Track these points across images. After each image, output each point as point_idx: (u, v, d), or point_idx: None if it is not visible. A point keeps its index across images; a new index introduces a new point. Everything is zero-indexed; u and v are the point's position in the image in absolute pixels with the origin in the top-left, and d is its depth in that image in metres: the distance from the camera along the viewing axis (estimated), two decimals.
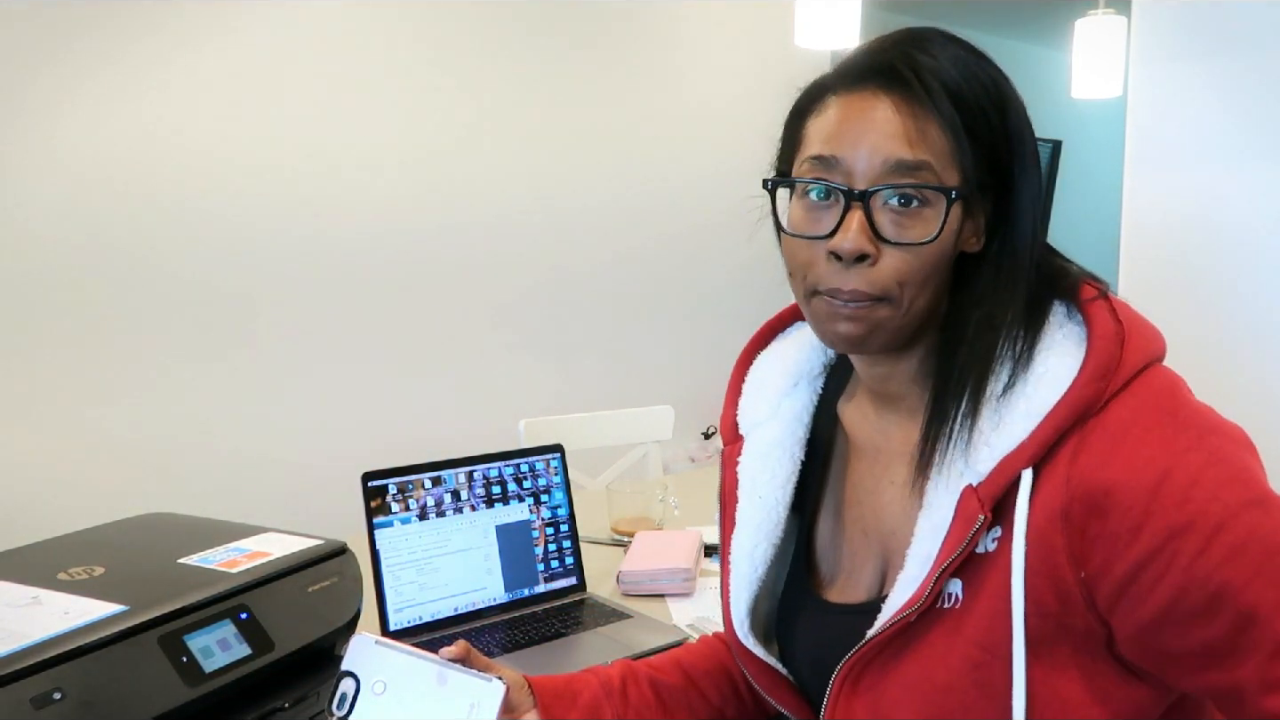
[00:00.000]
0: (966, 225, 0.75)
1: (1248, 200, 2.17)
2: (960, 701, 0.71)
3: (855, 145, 0.72)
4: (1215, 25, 2.18)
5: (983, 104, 0.72)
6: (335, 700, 0.76)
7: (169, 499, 1.57)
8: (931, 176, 0.71)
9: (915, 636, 0.74)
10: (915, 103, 0.72)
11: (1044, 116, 5.90)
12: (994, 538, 0.71)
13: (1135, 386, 0.70)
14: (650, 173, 3.55)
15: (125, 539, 1.15)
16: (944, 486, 0.73)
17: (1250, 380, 2.16)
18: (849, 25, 2.06)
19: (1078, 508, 0.68)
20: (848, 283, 0.73)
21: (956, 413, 0.73)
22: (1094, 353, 0.70)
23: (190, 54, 2.62)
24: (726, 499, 0.91)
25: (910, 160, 0.71)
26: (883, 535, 0.82)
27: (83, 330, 2.53)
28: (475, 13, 3.11)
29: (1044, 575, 0.69)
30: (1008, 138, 0.74)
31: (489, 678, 0.76)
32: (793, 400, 0.90)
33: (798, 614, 0.88)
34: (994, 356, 0.73)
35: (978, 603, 0.71)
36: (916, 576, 0.73)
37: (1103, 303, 0.73)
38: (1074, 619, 0.69)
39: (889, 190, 0.72)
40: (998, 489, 0.70)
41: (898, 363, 0.80)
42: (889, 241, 0.72)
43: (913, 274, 0.72)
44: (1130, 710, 0.71)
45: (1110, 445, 0.68)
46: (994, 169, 0.74)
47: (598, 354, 3.51)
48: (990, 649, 0.70)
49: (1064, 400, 0.69)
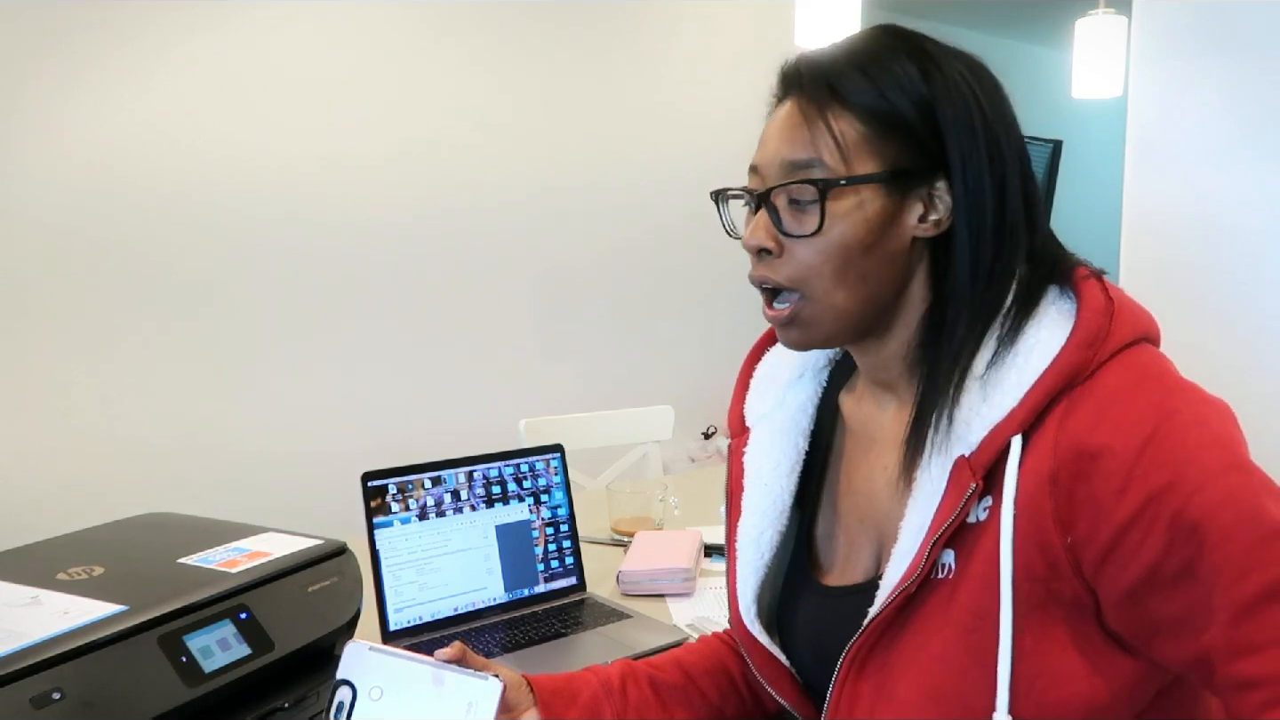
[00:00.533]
0: (910, 212, 0.77)
1: (1248, 200, 2.17)
2: (954, 670, 0.72)
3: (765, 151, 0.80)
4: (1216, 25, 2.18)
5: (891, 97, 0.75)
6: (332, 710, 0.77)
7: (169, 499, 1.57)
8: (820, 173, 0.75)
9: (915, 610, 0.75)
10: (808, 104, 0.77)
11: (1044, 116, 5.92)
12: (985, 506, 0.73)
13: (1123, 357, 0.72)
14: (650, 173, 3.55)
15: (125, 539, 1.15)
16: (937, 462, 0.75)
17: (1250, 379, 2.16)
18: (849, 25, 2.06)
19: (1065, 472, 0.69)
20: (762, 272, 0.79)
21: (943, 395, 0.75)
22: (1082, 322, 0.72)
23: (188, 49, 2.62)
24: (733, 488, 0.93)
25: (799, 159, 0.76)
26: (877, 520, 0.84)
27: (83, 330, 2.53)
28: (481, 12, 3.11)
29: (1033, 540, 0.70)
30: (933, 124, 0.75)
31: (485, 676, 0.76)
32: (797, 391, 0.93)
33: (798, 602, 0.89)
34: (972, 334, 0.75)
35: (969, 570, 0.72)
36: (910, 549, 0.75)
37: (1094, 280, 0.75)
38: (1062, 585, 0.70)
39: (779, 188, 0.77)
40: (989, 457, 0.72)
41: (883, 349, 0.82)
42: (790, 235, 0.77)
43: (816, 265, 0.76)
44: (1120, 683, 0.71)
45: (1097, 410, 0.69)
46: (924, 155, 0.76)
47: (597, 354, 3.51)
48: (981, 615, 0.71)
49: (1052, 367, 0.71)
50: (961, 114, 0.76)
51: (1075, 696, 0.71)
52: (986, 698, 0.71)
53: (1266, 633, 0.63)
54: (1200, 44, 2.21)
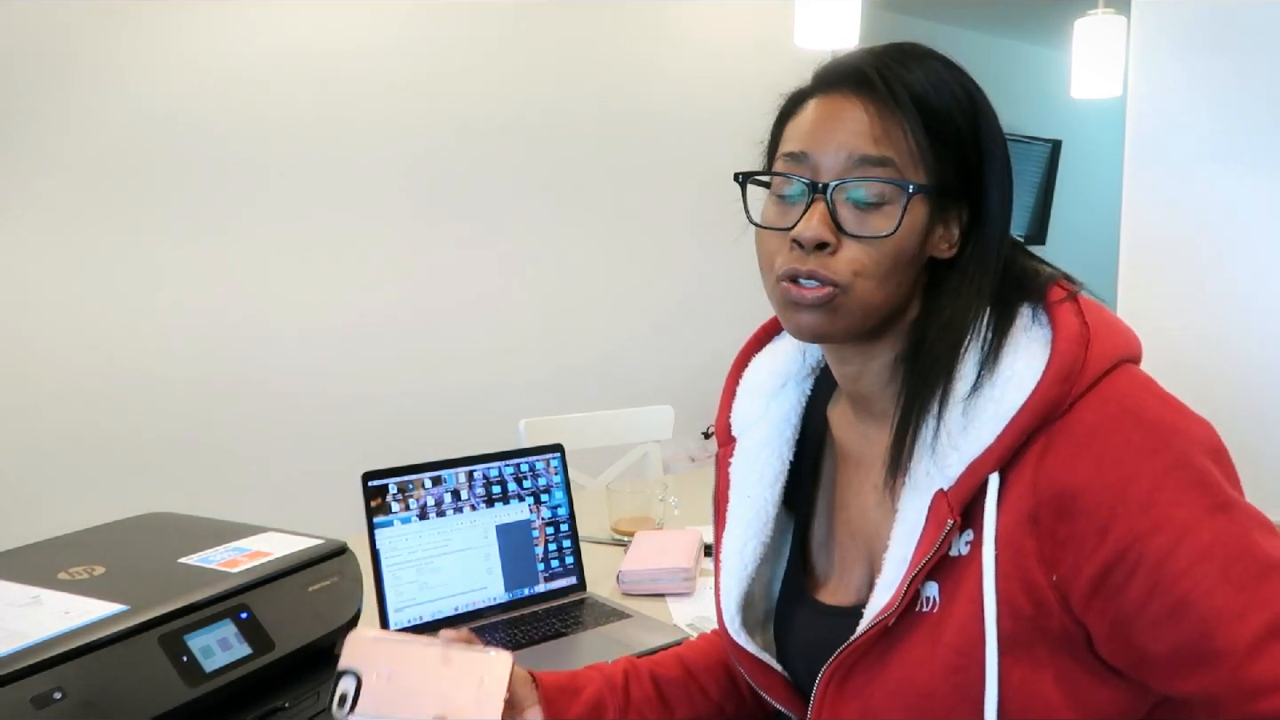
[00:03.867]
0: (936, 230, 0.77)
1: (1248, 200, 2.17)
2: (942, 705, 0.72)
3: (824, 142, 0.76)
4: (1215, 25, 2.18)
5: (952, 112, 0.75)
6: (335, 700, 0.76)
7: (169, 499, 1.57)
8: (894, 173, 0.74)
9: (898, 640, 0.75)
10: (883, 106, 0.75)
11: (1044, 116, 5.92)
12: (966, 541, 0.72)
13: (1100, 388, 0.71)
14: (649, 172, 3.55)
15: (125, 539, 1.16)
16: (916, 491, 0.75)
17: (1250, 379, 2.16)
18: (849, 25, 2.06)
19: (1045, 511, 0.69)
20: (805, 264, 0.75)
21: (922, 416, 0.74)
22: (1057, 355, 0.71)
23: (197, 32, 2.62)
24: (719, 500, 0.93)
25: (874, 155, 0.74)
26: (867, 538, 0.84)
27: (82, 330, 2.53)
28: (473, 12, 3.11)
29: (1016, 579, 0.69)
30: (978, 146, 0.76)
31: (494, 650, 0.77)
32: (780, 401, 0.92)
33: (793, 613, 0.89)
34: (957, 360, 0.74)
35: (954, 607, 0.72)
36: (893, 580, 0.74)
37: (1069, 305, 0.74)
38: (1050, 621, 0.70)
39: (853, 183, 0.75)
40: (967, 493, 0.71)
41: (867, 362, 0.81)
42: (849, 234, 0.75)
43: (869, 266, 0.75)
44: (1111, 713, 0.71)
45: (1075, 448, 0.69)
46: (963, 174, 0.76)
47: (598, 354, 3.51)
48: (967, 653, 0.71)
49: (1028, 404, 0.70)
50: (999, 139, 0.77)
51: None
52: None
53: (1276, 672, 0.63)
54: (1200, 44, 2.21)
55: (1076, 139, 5.62)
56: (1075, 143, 5.64)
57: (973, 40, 4.81)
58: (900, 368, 0.79)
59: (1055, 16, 4.41)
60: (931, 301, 0.78)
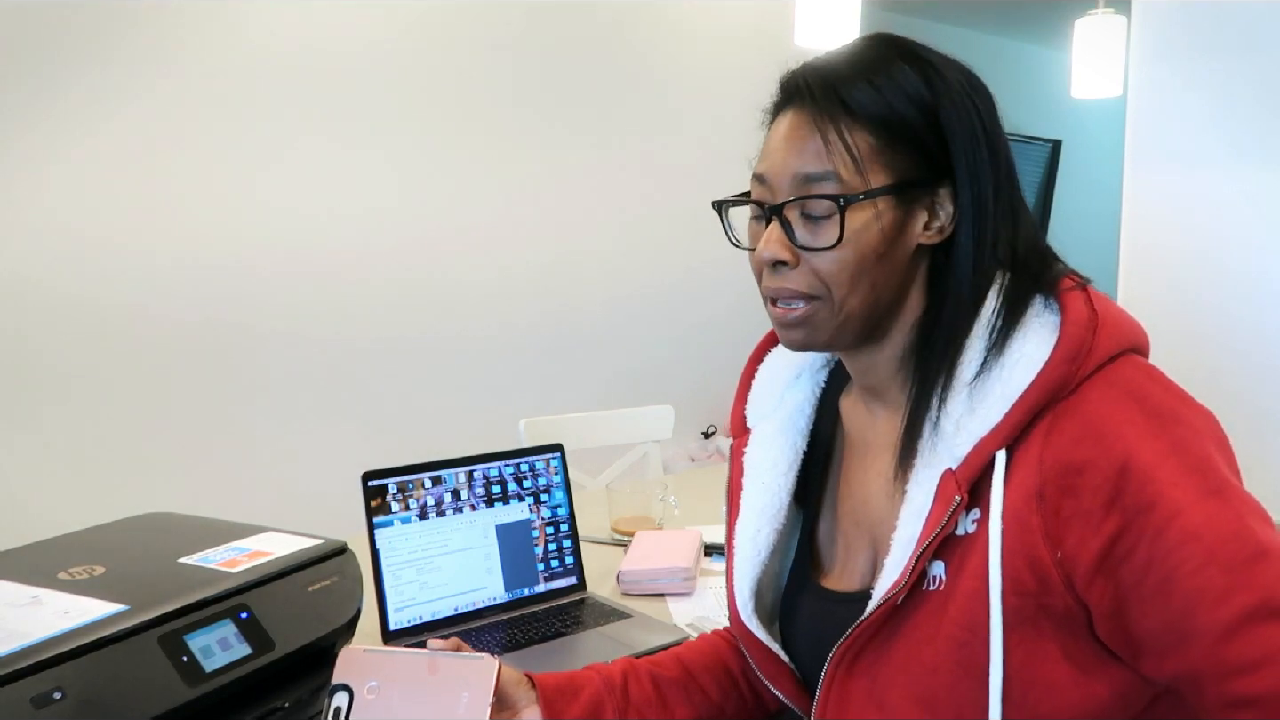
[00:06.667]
0: (917, 220, 0.78)
1: (1247, 200, 2.17)
2: (946, 681, 0.73)
3: (776, 163, 0.79)
4: (1215, 25, 2.19)
5: (899, 107, 0.76)
6: (329, 715, 0.77)
7: (169, 499, 1.57)
8: (834, 186, 0.76)
9: (905, 619, 0.76)
10: (819, 115, 0.76)
11: (1044, 116, 5.92)
12: (973, 519, 0.73)
13: (1106, 372, 0.72)
14: (649, 173, 3.55)
15: (125, 539, 1.16)
16: (925, 473, 0.76)
17: (1250, 379, 2.16)
18: (849, 25, 2.06)
19: (1051, 488, 0.70)
20: (777, 283, 0.79)
21: (932, 401, 0.76)
22: (1065, 337, 0.72)
23: (179, 62, 2.62)
24: (733, 488, 0.94)
25: (816, 172, 0.76)
26: (872, 525, 0.85)
27: (83, 330, 2.53)
28: (472, 19, 3.11)
29: (1021, 556, 0.70)
30: (938, 133, 0.76)
31: (480, 656, 0.78)
32: (794, 392, 0.94)
33: (799, 601, 0.90)
34: (963, 343, 0.76)
35: (959, 584, 0.73)
36: (900, 559, 0.76)
37: (1079, 292, 0.76)
38: (1053, 599, 0.70)
39: (794, 202, 0.77)
40: (974, 471, 0.73)
41: (876, 354, 0.83)
42: (804, 248, 0.77)
43: (835, 275, 0.77)
44: (1113, 695, 0.72)
45: (1081, 426, 0.70)
46: (927, 164, 0.77)
47: (598, 354, 3.51)
48: (972, 629, 0.72)
49: (1035, 382, 0.71)
50: (964, 121, 0.77)
51: (1068, 707, 0.71)
52: (979, 709, 0.71)
53: (1255, 652, 0.63)
54: (1200, 44, 2.21)
55: (1076, 139, 5.62)
56: (1075, 143, 5.64)
57: (973, 40, 4.80)
58: (910, 359, 0.81)
59: (1055, 16, 4.41)
60: (935, 288, 0.80)
